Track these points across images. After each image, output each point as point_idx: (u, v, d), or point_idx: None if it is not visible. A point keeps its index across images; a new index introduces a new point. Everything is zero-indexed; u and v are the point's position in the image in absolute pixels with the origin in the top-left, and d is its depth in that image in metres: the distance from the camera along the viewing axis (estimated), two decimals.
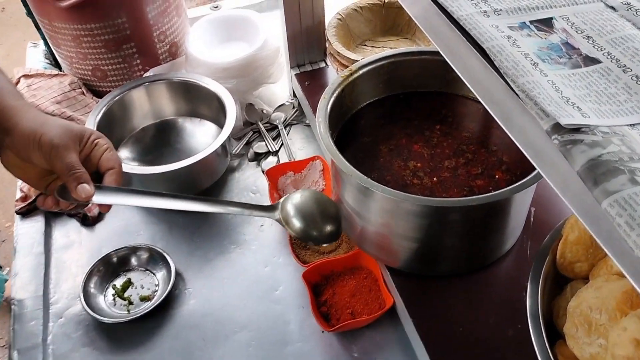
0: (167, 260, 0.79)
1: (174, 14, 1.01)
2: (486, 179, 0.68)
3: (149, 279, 0.80)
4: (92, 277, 0.80)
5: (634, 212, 0.30)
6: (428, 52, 0.76)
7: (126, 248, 0.82)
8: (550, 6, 0.46)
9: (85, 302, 0.76)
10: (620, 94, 0.38)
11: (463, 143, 0.73)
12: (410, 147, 0.73)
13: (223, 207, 0.66)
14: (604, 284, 0.49)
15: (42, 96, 0.96)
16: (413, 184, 0.68)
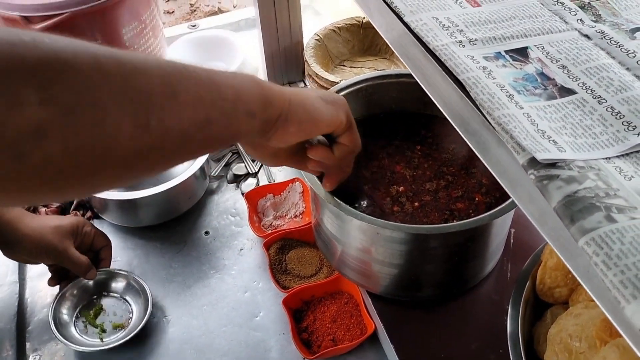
0: (145, 289, 0.78)
1: (150, 35, 1.00)
2: (466, 201, 0.68)
3: (123, 306, 0.78)
4: (64, 302, 0.77)
5: (611, 250, 0.30)
6: (406, 75, 0.76)
7: (104, 272, 0.80)
8: (525, 35, 0.46)
9: (55, 328, 0.73)
10: (595, 126, 0.38)
11: (443, 165, 0.73)
12: (392, 168, 0.73)
13: None
14: (584, 311, 0.49)
15: None
16: (393, 211, 0.67)
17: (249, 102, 0.43)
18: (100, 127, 0.32)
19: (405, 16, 0.47)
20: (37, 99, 0.29)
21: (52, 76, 0.30)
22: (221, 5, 2.92)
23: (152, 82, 0.36)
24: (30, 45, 0.29)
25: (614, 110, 0.38)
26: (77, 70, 0.31)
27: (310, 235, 0.80)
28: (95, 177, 0.34)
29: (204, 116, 0.39)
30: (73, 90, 0.31)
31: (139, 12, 0.95)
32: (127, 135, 0.34)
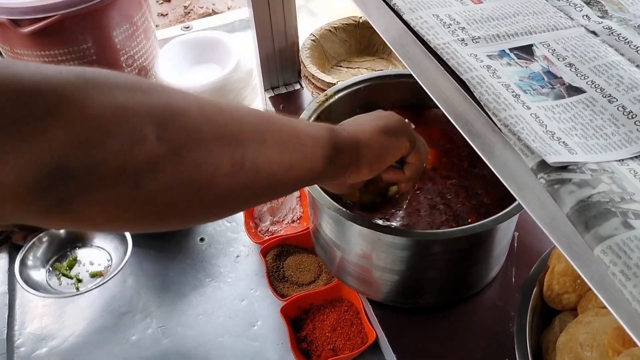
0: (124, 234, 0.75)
1: (142, 37, 0.98)
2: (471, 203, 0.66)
3: (101, 255, 0.76)
4: (31, 255, 0.75)
5: (629, 259, 0.28)
6: (405, 75, 0.74)
7: None
8: (530, 32, 0.44)
9: (21, 278, 0.70)
10: (607, 127, 0.36)
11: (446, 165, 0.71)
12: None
13: None
14: (594, 319, 0.47)
15: None
16: (395, 213, 0.65)
17: (325, 148, 0.47)
18: (203, 164, 0.36)
19: (404, 14, 0.45)
20: (155, 136, 0.33)
21: (167, 118, 0.34)
22: (215, 7, 2.90)
23: (245, 128, 0.40)
24: (147, 91, 0.34)
25: (626, 110, 0.36)
26: (187, 114, 0.36)
27: (308, 241, 0.78)
28: (194, 210, 0.39)
29: (289, 160, 0.43)
30: (183, 131, 0.35)
31: (130, 14, 0.94)
32: (224, 173, 0.38)
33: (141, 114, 0.33)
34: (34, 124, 0.29)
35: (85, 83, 0.31)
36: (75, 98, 0.30)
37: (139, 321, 0.77)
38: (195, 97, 0.38)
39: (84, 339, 0.76)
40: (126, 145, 0.32)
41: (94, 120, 0.31)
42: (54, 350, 0.74)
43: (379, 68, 0.94)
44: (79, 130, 0.30)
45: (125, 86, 0.33)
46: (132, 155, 0.32)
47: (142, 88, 0.34)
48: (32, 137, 0.29)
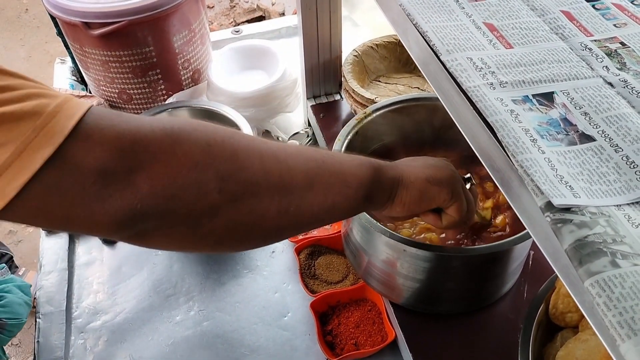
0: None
1: (199, 43, 1.06)
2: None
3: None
4: None
5: (612, 293, 0.33)
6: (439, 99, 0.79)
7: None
8: (553, 80, 0.47)
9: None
10: (610, 174, 0.40)
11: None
12: None
13: None
14: (591, 338, 0.53)
15: None
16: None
17: (367, 188, 0.50)
18: (255, 210, 0.43)
19: (441, 55, 0.50)
20: (217, 189, 0.40)
21: (230, 173, 0.41)
22: (260, 3, 2.98)
23: (297, 176, 0.45)
24: (220, 145, 0.41)
25: (629, 160, 0.40)
26: (248, 168, 0.42)
27: (339, 243, 0.85)
28: (242, 244, 0.46)
29: (331, 202, 0.48)
30: (242, 184, 0.41)
31: (189, 21, 1.01)
32: (272, 217, 0.44)
33: (210, 170, 0.39)
34: (127, 176, 0.36)
35: (171, 142, 0.38)
36: (160, 157, 0.38)
37: (183, 304, 0.85)
38: (258, 149, 0.43)
39: (133, 316, 0.84)
40: (193, 196, 0.39)
41: (172, 177, 0.38)
42: (107, 324, 0.83)
43: (416, 85, 1.00)
44: (159, 184, 0.37)
45: (203, 142, 0.40)
46: (197, 204, 0.39)
47: (217, 142, 0.41)
48: (124, 187, 0.36)
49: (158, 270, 0.89)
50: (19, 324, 0.91)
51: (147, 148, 0.37)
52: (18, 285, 0.93)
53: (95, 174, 0.35)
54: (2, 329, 0.89)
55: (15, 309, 0.90)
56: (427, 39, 0.52)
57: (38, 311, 0.84)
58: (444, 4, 0.55)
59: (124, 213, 0.36)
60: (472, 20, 0.54)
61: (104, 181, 0.35)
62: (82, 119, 0.35)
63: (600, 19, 0.53)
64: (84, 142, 0.35)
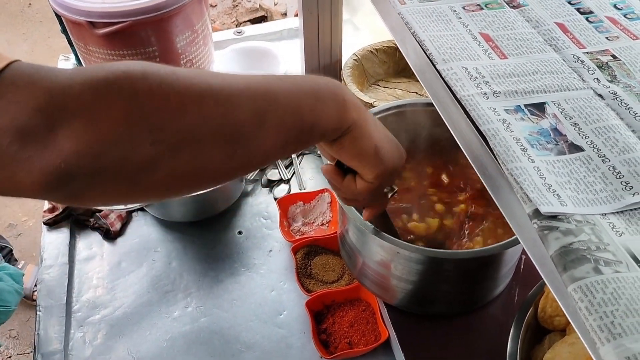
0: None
1: (201, 44, 1.07)
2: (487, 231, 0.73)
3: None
4: None
5: (594, 298, 0.34)
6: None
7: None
8: (545, 90, 0.48)
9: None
10: (597, 183, 0.41)
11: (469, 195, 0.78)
12: (418, 190, 0.78)
13: None
14: (577, 341, 0.54)
15: None
16: (416, 230, 0.73)
17: (324, 127, 0.47)
18: (196, 159, 0.39)
19: (438, 64, 0.51)
20: (150, 141, 0.37)
21: (163, 122, 0.37)
22: (262, 3, 2.99)
23: (245, 115, 0.41)
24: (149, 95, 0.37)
25: (615, 170, 0.41)
26: (183, 115, 0.38)
27: (335, 244, 0.86)
28: (190, 191, 0.43)
29: (283, 139, 0.44)
30: (179, 133, 0.38)
31: (192, 22, 1.03)
32: (217, 162, 0.41)
33: (139, 123, 0.36)
34: (47, 135, 0.34)
35: (92, 95, 0.35)
36: (81, 113, 0.35)
37: (180, 300, 0.86)
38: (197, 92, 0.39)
39: (132, 311, 0.86)
40: (123, 152, 0.36)
41: (96, 134, 0.35)
42: (106, 318, 0.85)
43: (414, 90, 1.01)
44: (83, 142, 0.35)
45: (128, 92, 0.36)
46: (129, 159, 0.36)
47: (145, 90, 0.37)
48: (44, 146, 0.34)
49: (157, 266, 0.90)
50: (7, 311, 0.92)
51: (66, 104, 0.35)
52: (10, 274, 0.94)
53: (12, 133, 0.33)
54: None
55: (4, 296, 0.90)
56: (424, 47, 0.53)
57: (39, 304, 0.85)
58: (441, 14, 0.57)
59: (48, 173, 0.35)
60: (469, 30, 0.55)
61: (22, 141, 0.34)
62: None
63: (593, 31, 0.55)
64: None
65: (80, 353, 0.81)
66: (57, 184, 0.35)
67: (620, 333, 0.32)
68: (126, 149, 0.36)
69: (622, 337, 0.32)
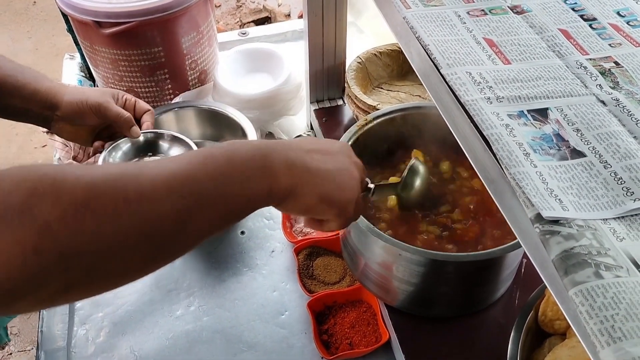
0: (190, 146, 0.84)
1: (206, 45, 1.08)
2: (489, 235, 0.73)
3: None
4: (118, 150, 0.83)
5: (594, 303, 0.35)
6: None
7: (149, 132, 0.85)
8: (548, 96, 0.49)
9: None
10: (598, 189, 0.41)
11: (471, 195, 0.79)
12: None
13: None
14: (578, 344, 0.55)
15: None
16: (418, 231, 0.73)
17: (255, 204, 0.47)
18: (116, 273, 0.38)
19: (442, 68, 0.52)
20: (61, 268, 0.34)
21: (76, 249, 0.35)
22: (266, 4, 3.00)
23: (165, 227, 0.39)
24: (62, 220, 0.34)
25: (617, 176, 0.42)
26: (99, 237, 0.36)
27: (337, 245, 0.87)
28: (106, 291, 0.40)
29: (209, 229, 0.43)
30: (95, 258, 0.36)
31: (198, 23, 1.04)
32: (137, 269, 0.40)
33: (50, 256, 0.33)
34: None
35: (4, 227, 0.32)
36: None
37: (183, 299, 0.87)
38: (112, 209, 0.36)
39: (135, 309, 0.86)
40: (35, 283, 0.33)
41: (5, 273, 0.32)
42: (109, 316, 0.85)
43: (417, 93, 1.02)
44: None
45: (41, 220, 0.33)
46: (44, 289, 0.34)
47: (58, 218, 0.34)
48: None
49: None
50: None
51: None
52: None
53: None
54: None
55: None
56: (428, 51, 0.54)
57: None
58: (446, 19, 0.57)
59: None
60: (473, 35, 0.56)
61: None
62: None
63: (597, 38, 0.55)
64: None
65: (83, 351, 0.81)
66: None
67: (620, 337, 0.32)
68: (36, 281, 0.34)
69: (622, 340, 0.32)
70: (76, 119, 0.78)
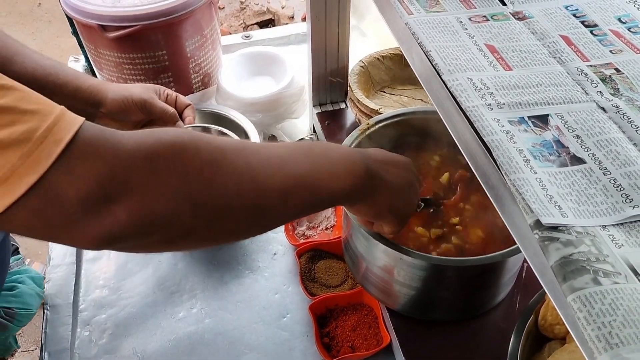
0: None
1: (210, 48, 1.09)
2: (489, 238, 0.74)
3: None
4: None
5: (592, 309, 0.35)
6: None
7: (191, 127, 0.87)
8: (548, 103, 0.49)
9: None
10: (598, 195, 0.41)
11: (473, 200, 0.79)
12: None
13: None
14: (577, 349, 0.55)
15: None
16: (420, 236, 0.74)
17: (339, 199, 0.54)
18: (226, 229, 0.46)
19: (443, 74, 0.52)
20: (192, 214, 0.42)
21: (205, 199, 0.43)
22: (270, 6, 3.00)
23: (274, 194, 0.47)
24: (198, 175, 0.42)
25: (616, 183, 0.42)
26: (223, 195, 0.44)
27: (339, 248, 0.87)
28: (212, 246, 0.51)
29: (300, 211, 0.52)
30: (217, 210, 0.44)
31: (202, 27, 1.04)
32: (242, 230, 0.48)
33: (186, 199, 0.41)
34: (106, 207, 0.38)
35: (149, 171, 0.40)
36: (138, 189, 0.39)
37: (186, 301, 0.88)
38: (239, 172, 0.44)
39: (138, 311, 0.87)
40: (169, 222, 0.41)
41: (149, 208, 0.40)
42: (112, 318, 0.86)
43: (419, 97, 1.02)
44: (137, 214, 0.40)
45: (180, 170, 0.41)
46: (172, 228, 0.42)
47: (195, 169, 0.42)
48: (103, 216, 0.38)
49: (163, 267, 0.92)
50: (29, 314, 0.94)
51: (125, 179, 0.39)
52: (32, 277, 0.96)
53: (76, 203, 0.37)
54: (12, 318, 0.91)
55: (27, 299, 0.92)
56: (430, 57, 0.54)
57: (46, 303, 0.87)
58: (447, 25, 0.58)
59: (102, 237, 0.39)
60: (474, 42, 0.56)
61: (83, 210, 0.38)
62: (68, 146, 0.37)
63: (598, 44, 0.55)
64: (65, 174, 0.37)
65: (87, 352, 0.82)
66: (109, 244, 0.40)
67: (618, 343, 0.33)
68: (171, 220, 0.41)
69: (620, 347, 0.32)
70: (121, 115, 0.79)
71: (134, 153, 0.40)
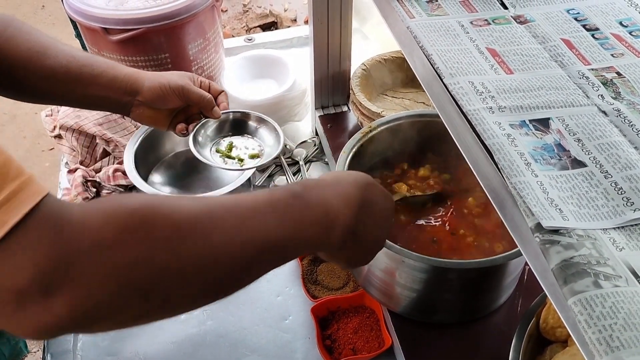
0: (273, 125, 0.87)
1: (213, 51, 1.09)
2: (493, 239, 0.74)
3: (252, 142, 0.88)
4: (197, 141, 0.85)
5: (593, 312, 0.35)
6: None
7: (225, 113, 0.87)
8: (549, 106, 0.49)
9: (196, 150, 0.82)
10: (599, 199, 0.41)
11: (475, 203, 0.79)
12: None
13: None
14: (578, 352, 0.55)
15: (85, 117, 1.05)
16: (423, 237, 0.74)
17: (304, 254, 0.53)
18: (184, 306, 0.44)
19: (445, 78, 0.52)
20: (142, 300, 0.38)
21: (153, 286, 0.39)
22: (272, 9, 3.01)
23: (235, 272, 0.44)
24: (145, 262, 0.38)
25: (617, 186, 0.42)
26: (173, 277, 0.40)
27: None
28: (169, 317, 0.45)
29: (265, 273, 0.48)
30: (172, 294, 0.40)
31: (204, 30, 1.05)
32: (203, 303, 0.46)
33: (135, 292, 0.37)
34: (44, 299, 0.35)
35: (92, 262, 0.35)
36: (79, 280, 0.35)
37: None
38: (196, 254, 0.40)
39: None
40: (116, 312, 0.37)
41: (91, 299, 0.36)
42: None
43: (421, 100, 1.02)
44: (77, 306, 0.35)
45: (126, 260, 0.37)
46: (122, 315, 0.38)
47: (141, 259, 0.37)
48: (40, 309, 0.35)
49: None
50: None
51: (66, 270, 0.35)
52: None
53: (12, 294, 0.34)
54: None
55: None
56: (431, 61, 0.54)
57: None
58: (449, 29, 0.58)
59: (40, 331, 0.36)
60: (476, 45, 0.56)
61: (19, 302, 0.35)
62: (12, 229, 0.34)
63: (599, 48, 0.56)
64: (4, 260, 0.34)
65: (89, 354, 0.82)
66: (51, 336, 0.37)
67: (618, 346, 0.33)
68: (118, 309, 0.38)
69: (620, 350, 0.33)
70: (157, 103, 0.78)
71: (79, 238, 0.36)
